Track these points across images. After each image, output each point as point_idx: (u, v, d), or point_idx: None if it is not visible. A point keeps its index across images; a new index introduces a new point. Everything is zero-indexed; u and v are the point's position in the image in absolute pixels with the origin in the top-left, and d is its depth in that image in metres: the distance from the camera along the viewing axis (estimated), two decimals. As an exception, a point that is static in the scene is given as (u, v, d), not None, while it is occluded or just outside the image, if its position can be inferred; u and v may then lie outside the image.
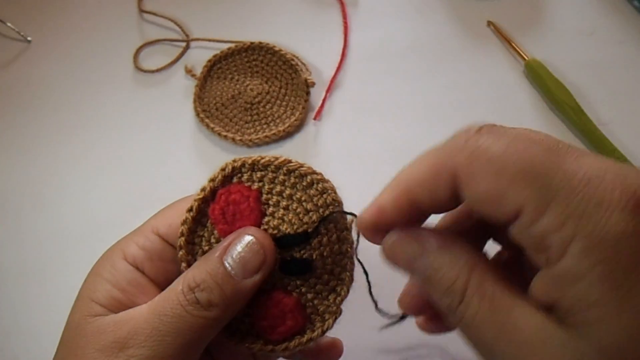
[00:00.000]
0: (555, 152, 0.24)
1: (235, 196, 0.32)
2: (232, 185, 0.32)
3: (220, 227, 0.32)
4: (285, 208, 0.32)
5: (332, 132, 0.55)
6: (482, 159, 0.24)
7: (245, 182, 0.32)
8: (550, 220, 0.22)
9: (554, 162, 0.23)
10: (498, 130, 0.26)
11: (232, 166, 0.32)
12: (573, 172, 0.23)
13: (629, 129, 0.53)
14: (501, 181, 0.23)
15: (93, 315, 0.31)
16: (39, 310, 0.49)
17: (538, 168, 0.23)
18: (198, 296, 0.29)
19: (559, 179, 0.23)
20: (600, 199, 0.22)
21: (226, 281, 0.30)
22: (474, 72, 0.58)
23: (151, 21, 0.64)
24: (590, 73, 0.56)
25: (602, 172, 0.23)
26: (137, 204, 0.53)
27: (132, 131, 0.57)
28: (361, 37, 0.61)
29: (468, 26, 0.61)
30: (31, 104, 0.59)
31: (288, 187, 0.32)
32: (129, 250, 0.33)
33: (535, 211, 0.23)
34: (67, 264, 0.50)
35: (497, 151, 0.24)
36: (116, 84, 0.60)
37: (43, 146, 0.57)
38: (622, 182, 0.22)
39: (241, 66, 0.59)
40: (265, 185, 0.32)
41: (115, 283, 0.32)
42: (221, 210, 0.32)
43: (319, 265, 0.32)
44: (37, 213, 0.53)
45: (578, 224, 0.22)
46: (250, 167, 0.32)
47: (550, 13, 0.61)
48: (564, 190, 0.22)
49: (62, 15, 0.65)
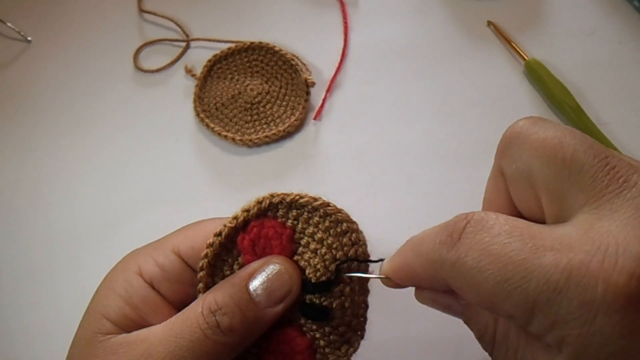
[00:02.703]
0: (532, 247, 0.22)
1: (268, 231, 0.31)
2: (266, 220, 0.31)
3: (246, 257, 0.31)
4: (314, 251, 0.31)
5: (332, 132, 0.55)
6: (463, 274, 0.24)
7: (280, 217, 0.31)
8: (539, 326, 0.22)
9: (530, 262, 0.22)
10: (475, 232, 0.24)
11: (270, 201, 0.31)
12: (552, 268, 0.21)
13: (629, 129, 0.53)
14: (484, 297, 0.23)
15: (104, 333, 0.30)
16: (39, 310, 0.49)
17: (514, 277, 0.22)
18: (219, 320, 0.28)
19: (535, 282, 0.21)
20: (582, 300, 0.20)
21: (249, 307, 0.29)
22: (474, 72, 0.58)
23: (151, 21, 0.64)
24: (590, 73, 0.56)
25: (586, 260, 0.20)
26: (137, 204, 0.53)
27: (132, 131, 0.57)
28: (361, 37, 0.61)
29: (468, 26, 0.61)
30: (31, 104, 0.59)
31: (321, 231, 0.31)
32: (146, 267, 0.32)
33: (523, 320, 0.22)
34: (67, 264, 0.50)
35: (473, 266, 0.23)
36: (116, 84, 0.60)
37: (43, 146, 0.57)
38: (607, 273, 0.20)
39: (241, 66, 0.59)
40: (299, 225, 0.31)
41: (129, 300, 0.30)
42: (251, 242, 0.31)
43: (337, 315, 0.31)
44: (37, 213, 0.53)
45: (565, 328, 0.21)
46: (288, 204, 0.31)
47: (550, 13, 0.61)
48: (544, 294, 0.21)
49: (62, 15, 0.65)
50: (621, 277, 0.20)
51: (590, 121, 0.52)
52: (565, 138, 0.24)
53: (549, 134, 0.25)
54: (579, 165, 0.23)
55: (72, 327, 0.47)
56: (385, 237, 0.32)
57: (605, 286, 0.20)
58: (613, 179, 0.22)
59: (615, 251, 0.20)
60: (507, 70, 0.58)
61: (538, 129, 0.25)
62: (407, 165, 0.52)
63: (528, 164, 0.25)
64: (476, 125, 0.54)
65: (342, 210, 0.31)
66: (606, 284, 0.20)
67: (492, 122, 0.54)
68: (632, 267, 0.20)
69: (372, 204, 0.51)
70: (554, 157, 0.24)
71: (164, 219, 0.51)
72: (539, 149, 0.24)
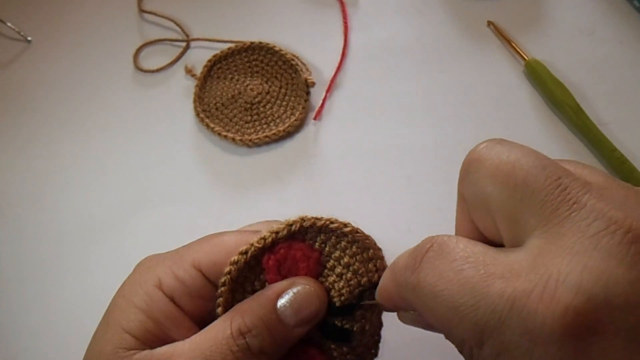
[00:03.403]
0: (483, 274, 0.22)
1: (296, 253, 0.31)
2: (294, 242, 0.31)
3: (270, 276, 0.31)
4: (339, 275, 0.31)
5: (332, 132, 0.55)
6: (421, 298, 0.24)
7: (308, 240, 0.32)
8: (490, 353, 0.22)
9: (480, 290, 0.22)
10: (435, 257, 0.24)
11: (301, 225, 0.31)
12: (497, 297, 0.21)
13: (629, 129, 0.53)
14: (440, 321, 0.23)
15: (126, 348, 0.29)
16: (39, 310, 0.49)
17: (465, 304, 0.22)
18: (249, 342, 0.28)
19: (483, 310, 0.21)
20: (523, 330, 0.20)
21: (278, 328, 0.29)
22: (474, 72, 0.58)
23: (151, 21, 0.64)
24: (590, 73, 0.56)
25: (528, 290, 0.20)
26: (137, 204, 0.53)
27: (132, 131, 0.57)
28: (361, 37, 0.61)
29: (468, 26, 0.61)
30: (31, 104, 0.59)
31: (348, 256, 0.31)
32: (166, 280, 0.31)
33: (476, 346, 0.22)
34: (67, 264, 0.50)
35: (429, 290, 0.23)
36: (116, 84, 0.60)
37: (43, 146, 0.57)
38: (545, 304, 0.20)
39: (241, 66, 0.59)
40: (326, 248, 0.31)
41: (150, 314, 0.30)
42: (277, 262, 0.31)
43: (357, 337, 0.31)
44: (37, 213, 0.53)
45: (509, 356, 0.21)
46: (318, 229, 0.31)
47: (550, 13, 0.61)
48: (491, 323, 0.21)
49: (62, 15, 0.65)
50: (558, 308, 0.19)
51: (590, 121, 0.52)
52: (519, 161, 0.23)
53: (503, 158, 0.24)
54: (531, 189, 0.23)
55: (73, 327, 0.48)
56: (385, 238, 0.32)
57: (543, 317, 0.20)
58: (563, 201, 0.22)
59: (555, 280, 0.20)
60: (507, 70, 0.58)
61: (494, 154, 0.24)
62: (407, 165, 0.52)
63: (484, 189, 0.24)
64: (476, 125, 0.54)
65: (370, 237, 0.31)
66: (544, 316, 0.20)
67: (492, 122, 0.54)
68: (568, 299, 0.19)
69: (372, 204, 0.51)
70: (507, 182, 0.23)
71: (163, 218, 0.51)
72: (493, 174, 0.24)
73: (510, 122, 0.54)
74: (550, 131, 0.54)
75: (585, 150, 0.53)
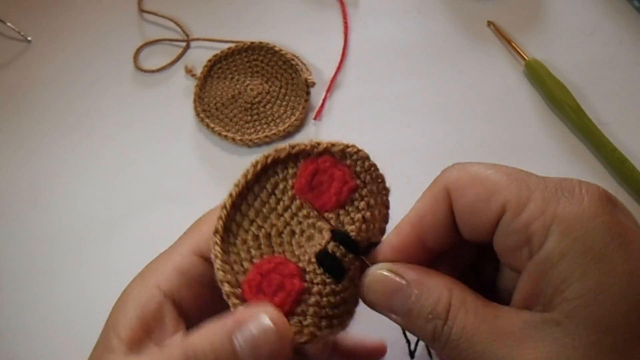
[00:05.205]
0: (527, 173, 0.27)
1: (336, 171, 0.31)
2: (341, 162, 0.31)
3: (299, 183, 0.31)
4: (362, 214, 0.31)
5: (332, 132, 0.55)
6: (468, 173, 0.28)
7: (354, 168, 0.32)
8: (532, 209, 0.25)
9: (528, 174, 0.27)
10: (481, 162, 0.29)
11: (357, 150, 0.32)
12: (545, 178, 0.27)
13: (629, 129, 0.53)
14: (486, 188, 0.27)
15: (112, 352, 0.28)
16: (39, 310, 0.49)
17: (516, 176, 0.27)
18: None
19: (535, 181, 0.26)
20: (571, 190, 0.25)
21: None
22: (474, 72, 0.58)
23: (151, 21, 0.64)
24: (590, 73, 0.56)
25: (568, 179, 0.26)
26: (137, 204, 0.53)
27: (132, 131, 0.57)
28: (361, 37, 0.61)
29: (468, 26, 0.61)
30: (31, 104, 0.59)
31: (379, 204, 0.31)
32: (164, 275, 0.30)
33: (518, 204, 0.25)
34: (67, 264, 0.50)
35: (481, 167, 0.28)
36: (116, 84, 0.60)
37: (43, 146, 0.57)
38: (586, 184, 0.26)
39: (241, 66, 0.59)
40: (365, 189, 0.31)
41: (142, 317, 0.29)
42: (314, 170, 0.31)
43: (345, 285, 0.29)
44: (37, 213, 0.53)
45: (556, 209, 0.25)
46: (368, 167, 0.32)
47: (550, 13, 0.61)
48: (541, 186, 0.26)
49: (62, 15, 0.65)
50: (594, 185, 0.26)
51: (590, 121, 0.52)
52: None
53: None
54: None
55: (72, 327, 0.48)
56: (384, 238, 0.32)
57: (587, 189, 0.26)
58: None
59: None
60: (507, 70, 0.58)
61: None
62: (407, 165, 0.52)
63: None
64: (476, 125, 0.54)
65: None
66: (587, 188, 0.26)
67: (492, 122, 0.54)
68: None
69: (372, 204, 0.51)
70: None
71: (163, 218, 0.51)
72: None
73: (510, 122, 0.54)
74: (550, 131, 0.54)
75: (585, 150, 0.53)
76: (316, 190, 0.31)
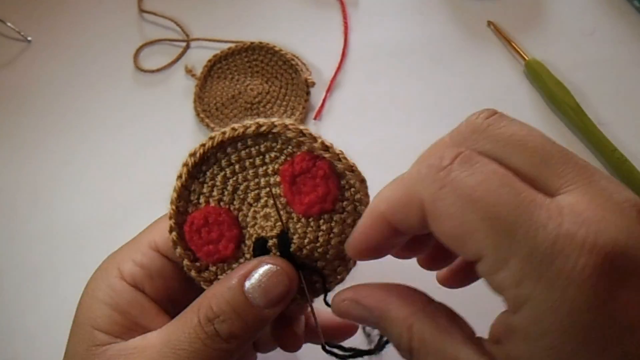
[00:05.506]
0: (529, 196, 0.22)
1: (318, 170, 0.31)
2: (320, 159, 0.31)
3: (285, 188, 0.31)
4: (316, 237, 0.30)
5: (332, 132, 0.55)
6: (449, 198, 0.23)
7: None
8: (507, 276, 0.21)
9: (524, 210, 0.21)
10: (475, 161, 0.24)
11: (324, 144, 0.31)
12: (542, 225, 0.21)
13: (629, 129, 0.53)
14: (465, 225, 0.22)
15: (99, 345, 0.29)
16: (39, 310, 0.49)
17: (505, 216, 0.21)
18: (218, 328, 0.27)
19: (523, 232, 0.21)
20: (561, 267, 0.20)
21: (247, 311, 0.28)
22: (474, 72, 0.58)
23: (151, 21, 0.64)
24: (590, 73, 0.56)
25: (576, 226, 0.21)
26: (137, 204, 0.53)
27: (132, 131, 0.57)
28: (361, 37, 0.61)
29: (468, 26, 0.61)
30: (31, 104, 0.59)
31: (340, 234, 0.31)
32: (126, 268, 0.31)
33: (494, 263, 0.22)
34: (66, 264, 0.50)
35: (465, 191, 0.22)
36: (116, 84, 0.60)
37: (43, 146, 0.57)
38: (593, 243, 0.20)
39: (241, 66, 0.59)
40: (348, 191, 0.31)
41: (116, 306, 0.30)
42: (293, 173, 0.31)
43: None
44: (37, 212, 0.53)
45: (534, 289, 0.21)
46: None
47: (550, 13, 0.61)
48: (526, 248, 0.21)
49: (62, 15, 0.65)
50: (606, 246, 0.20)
51: (590, 121, 0.52)
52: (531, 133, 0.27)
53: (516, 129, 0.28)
54: (548, 156, 0.26)
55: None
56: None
57: (588, 257, 0.20)
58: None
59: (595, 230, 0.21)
60: (507, 70, 0.58)
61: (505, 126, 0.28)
62: (407, 165, 0.52)
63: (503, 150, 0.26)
64: (476, 125, 0.54)
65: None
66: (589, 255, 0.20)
67: (492, 122, 0.54)
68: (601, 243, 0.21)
69: (372, 204, 0.51)
70: (524, 148, 0.27)
71: (164, 219, 0.51)
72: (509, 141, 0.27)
73: (510, 122, 0.54)
74: (550, 131, 0.54)
75: (586, 150, 0.53)
76: (295, 186, 0.30)
